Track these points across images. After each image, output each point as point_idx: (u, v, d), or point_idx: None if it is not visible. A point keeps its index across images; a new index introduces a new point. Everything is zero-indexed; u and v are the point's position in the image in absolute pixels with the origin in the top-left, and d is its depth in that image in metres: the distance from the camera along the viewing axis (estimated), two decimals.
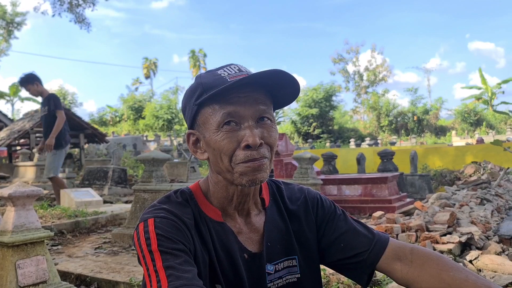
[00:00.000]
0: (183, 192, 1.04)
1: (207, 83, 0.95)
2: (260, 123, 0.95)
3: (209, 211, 1.02)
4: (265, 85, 0.95)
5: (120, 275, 4.05)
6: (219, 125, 0.93)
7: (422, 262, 0.99)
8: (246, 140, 0.91)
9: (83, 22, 17.80)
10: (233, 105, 0.93)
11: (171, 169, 14.45)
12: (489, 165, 10.21)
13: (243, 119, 0.93)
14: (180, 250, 0.88)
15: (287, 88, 0.97)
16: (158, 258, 0.86)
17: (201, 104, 0.96)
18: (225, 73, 0.96)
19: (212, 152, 0.96)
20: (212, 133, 0.94)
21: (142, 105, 40.09)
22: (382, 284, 3.12)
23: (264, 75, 0.92)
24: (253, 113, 0.94)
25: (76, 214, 7.12)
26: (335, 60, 43.63)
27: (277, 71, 0.92)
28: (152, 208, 0.99)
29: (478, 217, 4.92)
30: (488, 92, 36.91)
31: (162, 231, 0.90)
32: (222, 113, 0.93)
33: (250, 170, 0.93)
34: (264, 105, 0.95)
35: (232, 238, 1.01)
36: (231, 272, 0.98)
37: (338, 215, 1.12)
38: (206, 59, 50.30)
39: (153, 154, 5.99)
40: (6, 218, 3.09)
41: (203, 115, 0.97)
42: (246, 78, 0.91)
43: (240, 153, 0.92)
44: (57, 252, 5.27)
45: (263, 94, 0.96)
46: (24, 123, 17.12)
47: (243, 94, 0.93)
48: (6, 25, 30.51)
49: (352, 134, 34.86)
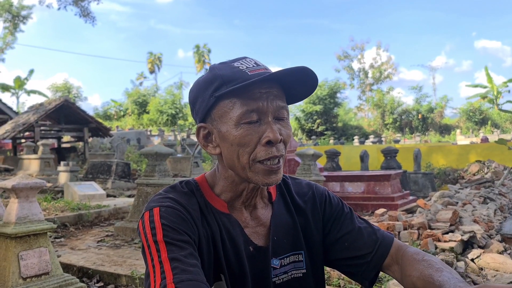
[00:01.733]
0: (189, 183, 1.03)
1: (227, 75, 0.92)
2: (278, 120, 0.94)
3: (215, 203, 1.01)
4: (284, 82, 0.95)
5: (122, 268, 4.07)
6: (240, 120, 0.91)
7: (405, 265, 0.98)
8: (268, 136, 0.90)
9: (88, 16, 17.83)
10: (255, 100, 0.91)
11: (175, 164, 14.48)
12: (493, 164, 10.17)
13: (264, 115, 0.92)
14: (186, 242, 0.87)
15: (305, 84, 0.96)
16: (163, 249, 0.85)
17: (220, 97, 0.93)
18: (243, 66, 0.94)
19: (228, 147, 0.94)
20: (231, 128, 0.92)
21: (146, 100, 40.12)
22: (383, 281, 3.12)
23: (289, 73, 0.91)
24: (274, 109, 0.92)
25: (79, 207, 7.16)
26: (340, 57, 43.49)
27: (303, 68, 0.91)
28: (158, 196, 0.97)
29: (481, 216, 4.90)
30: (494, 91, 36.69)
31: (168, 221, 0.89)
32: (245, 109, 0.91)
33: (268, 172, 0.92)
34: (282, 102, 0.94)
35: (238, 230, 1.00)
36: (236, 264, 0.97)
37: (345, 213, 1.11)
38: (210, 54, 50.34)
39: (156, 149, 6.00)
40: (9, 209, 3.11)
41: (221, 108, 0.94)
42: (272, 75, 0.90)
43: (261, 149, 0.91)
44: (60, 244, 5.30)
45: (281, 91, 0.95)
46: (29, 116, 17.18)
47: (264, 89, 0.92)
48: (12, 18, 30.55)
49: (356, 132, 34.76)
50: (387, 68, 42.59)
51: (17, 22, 31.08)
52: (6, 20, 30.46)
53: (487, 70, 36.50)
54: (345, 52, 43.38)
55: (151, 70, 51.31)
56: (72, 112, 17.25)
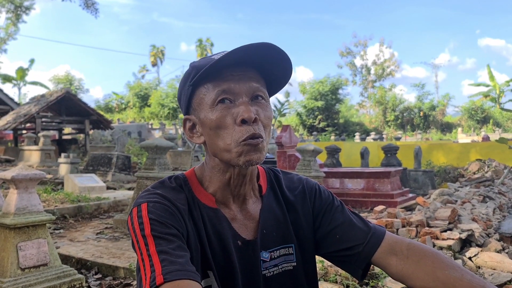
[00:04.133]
0: (178, 178, 1.04)
1: (200, 65, 0.96)
2: (255, 101, 0.95)
3: (202, 197, 1.02)
4: (257, 64, 0.96)
5: (120, 260, 4.09)
6: (214, 103, 0.93)
7: (417, 259, 0.98)
8: (242, 114, 0.91)
9: (92, 7, 17.77)
10: (226, 82, 0.93)
11: (175, 158, 14.49)
12: (493, 163, 10.16)
13: (238, 96, 0.93)
14: (174, 235, 0.88)
15: (279, 64, 0.97)
16: (152, 243, 0.86)
17: (195, 85, 0.96)
18: (218, 56, 0.96)
19: (208, 132, 0.96)
20: (207, 112, 0.94)
21: (148, 93, 40.13)
22: (380, 277, 3.13)
23: (253, 47, 0.91)
24: (247, 90, 0.94)
25: (79, 199, 7.18)
26: (342, 53, 43.38)
27: (267, 44, 0.91)
28: (145, 193, 0.98)
29: (480, 215, 4.90)
30: (496, 90, 36.58)
31: (155, 216, 0.90)
32: (216, 91, 0.93)
33: (247, 150, 0.92)
34: (257, 83, 0.95)
35: (226, 224, 1.01)
36: (223, 259, 0.98)
37: (336, 206, 1.11)
38: (213, 48, 50.20)
39: (157, 142, 5.99)
40: (8, 200, 3.11)
41: (197, 96, 0.97)
42: (236, 50, 0.90)
43: (238, 129, 0.92)
44: (59, 236, 5.32)
45: (256, 74, 0.97)
46: (30, 107, 17.19)
47: (236, 72, 0.93)
48: (15, 9, 30.45)
49: (357, 128, 34.74)
50: (390, 65, 42.48)
51: (20, 13, 30.99)
52: (8, 10, 30.37)
53: (489, 69, 36.38)
54: (348, 48, 43.30)
55: (154, 63, 51.24)
56: (74, 104, 17.26)
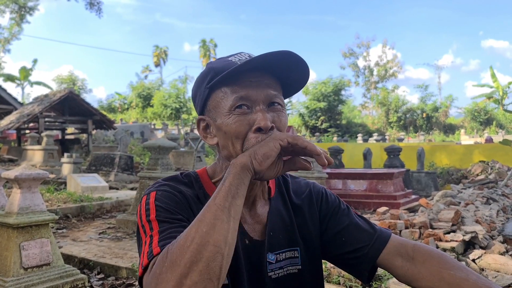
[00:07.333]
0: (189, 175, 1.06)
1: (218, 67, 0.96)
2: (271, 108, 0.95)
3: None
4: (275, 70, 0.96)
5: (123, 260, 4.09)
6: (231, 109, 0.93)
7: (423, 260, 0.98)
8: (258, 123, 0.91)
9: (96, 6, 17.83)
10: (244, 89, 0.93)
11: (178, 158, 14.49)
12: (497, 165, 10.12)
13: (255, 103, 0.93)
14: (178, 220, 0.90)
15: (296, 71, 0.97)
16: (156, 226, 0.88)
17: (212, 88, 0.96)
18: (235, 59, 0.97)
19: (223, 136, 0.96)
20: (224, 117, 0.94)
21: (150, 93, 40.14)
22: (383, 279, 3.11)
23: (273, 55, 0.91)
24: (265, 97, 0.94)
25: (81, 199, 7.19)
26: (345, 54, 43.34)
27: (287, 52, 0.92)
28: (156, 183, 1.01)
29: (483, 216, 4.88)
30: (499, 91, 36.46)
31: (162, 203, 0.92)
32: (234, 97, 0.93)
33: None
34: (274, 90, 0.96)
35: None
36: None
37: (342, 209, 1.12)
38: (216, 49, 50.23)
39: (159, 142, 6.00)
40: (11, 200, 3.12)
41: (214, 99, 0.97)
42: (256, 58, 0.91)
43: (252, 136, 0.92)
44: (62, 235, 5.33)
45: (273, 80, 0.97)
46: (33, 107, 17.23)
47: (254, 78, 0.94)
48: (19, 9, 30.58)
49: (360, 129, 34.67)
50: (393, 66, 42.41)
51: (24, 13, 31.11)
52: (13, 11, 30.49)
53: (492, 70, 36.25)
54: (351, 49, 43.27)
55: (157, 64, 51.29)
56: (77, 104, 17.29)
